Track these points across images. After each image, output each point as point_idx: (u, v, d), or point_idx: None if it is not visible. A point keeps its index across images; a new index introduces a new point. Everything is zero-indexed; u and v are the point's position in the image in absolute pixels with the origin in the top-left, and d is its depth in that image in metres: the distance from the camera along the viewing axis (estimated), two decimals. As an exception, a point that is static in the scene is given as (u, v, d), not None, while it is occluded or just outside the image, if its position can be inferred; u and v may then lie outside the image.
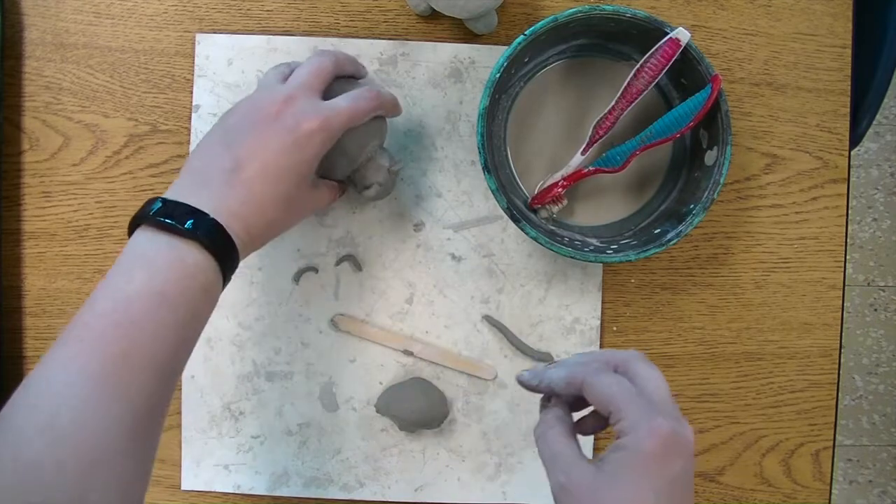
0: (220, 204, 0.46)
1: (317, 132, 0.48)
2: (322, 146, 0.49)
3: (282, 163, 0.48)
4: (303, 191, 0.50)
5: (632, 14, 0.53)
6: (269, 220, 0.48)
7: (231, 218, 0.46)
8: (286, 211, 0.49)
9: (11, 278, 0.62)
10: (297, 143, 0.48)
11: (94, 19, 0.62)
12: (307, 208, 0.52)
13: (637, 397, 0.41)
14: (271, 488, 0.62)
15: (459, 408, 0.62)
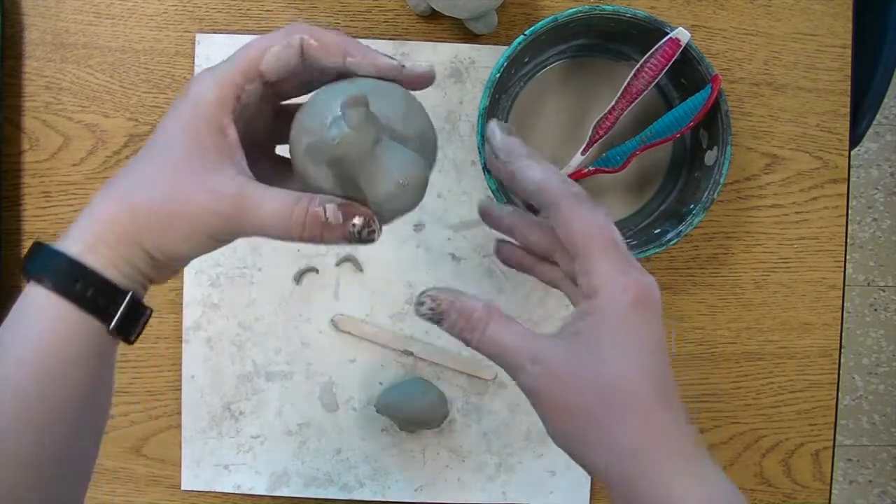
0: (87, 227, 0.35)
1: (204, 76, 0.36)
2: (217, 98, 0.35)
3: (163, 128, 0.36)
4: (209, 173, 0.35)
5: (632, 14, 0.53)
6: (156, 211, 0.34)
7: (101, 242, 0.34)
8: (182, 195, 0.34)
9: (11, 278, 0.62)
10: (181, 99, 0.36)
11: (94, 19, 0.62)
12: (224, 205, 0.34)
13: (614, 246, 0.35)
14: (271, 488, 0.62)
15: (459, 408, 0.62)
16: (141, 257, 0.35)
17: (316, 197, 0.35)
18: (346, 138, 0.33)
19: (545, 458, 0.62)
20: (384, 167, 0.34)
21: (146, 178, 0.35)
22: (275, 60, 0.36)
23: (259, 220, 0.34)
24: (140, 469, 0.62)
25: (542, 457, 0.62)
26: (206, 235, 0.35)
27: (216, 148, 0.35)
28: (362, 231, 0.34)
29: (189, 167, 0.35)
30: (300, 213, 0.34)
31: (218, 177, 0.35)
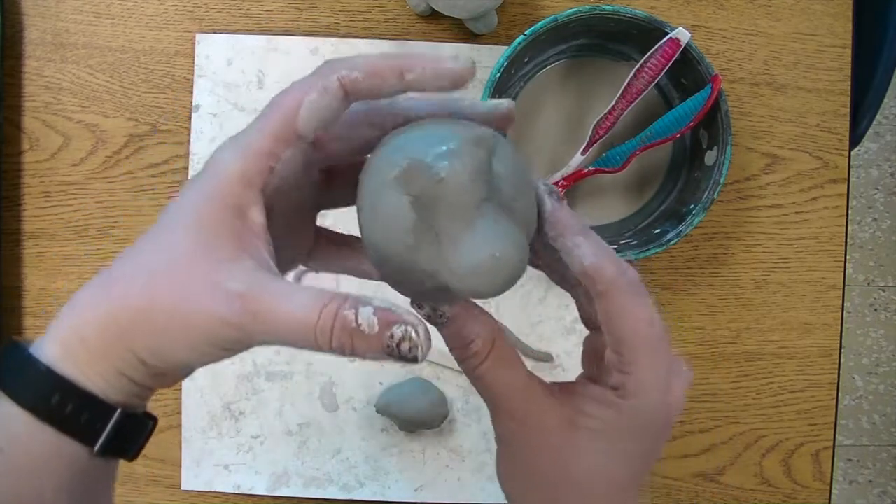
0: (68, 326, 0.28)
1: (227, 144, 0.29)
2: (241, 173, 0.28)
3: (175, 206, 0.29)
4: (218, 267, 0.28)
5: (632, 14, 0.53)
6: (146, 312, 0.28)
7: (82, 346, 0.28)
8: (178, 291, 0.28)
9: (11, 278, 0.62)
10: (201, 172, 0.29)
11: (94, 19, 0.62)
12: (232, 309, 0.27)
13: (662, 350, 0.32)
14: (271, 488, 0.62)
15: (459, 408, 0.62)
16: (133, 365, 0.28)
17: (347, 296, 0.27)
18: (455, 177, 0.26)
19: (545, 458, 0.62)
20: (480, 233, 0.26)
21: (144, 269, 0.28)
22: (313, 112, 0.28)
23: (276, 327, 0.27)
24: (140, 469, 0.62)
25: (542, 457, 0.62)
26: (212, 345, 0.28)
27: (232, 235, 0.28)
28: (401, 344, 0.26)
29: (195, 259, 0.28)
30: (328, 319, 0.26)
31: (228, 272, 0.27)
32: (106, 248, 0.62)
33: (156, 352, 0.28)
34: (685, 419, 0.64)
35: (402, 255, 0.28)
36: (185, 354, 0.28)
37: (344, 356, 0.27)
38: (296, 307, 0.27)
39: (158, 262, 0.28)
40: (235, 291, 0.27)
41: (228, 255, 0.28)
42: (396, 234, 0.27)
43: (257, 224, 0.29)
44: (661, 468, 0.64)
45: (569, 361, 0.62)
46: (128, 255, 0.29)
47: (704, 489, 0.64)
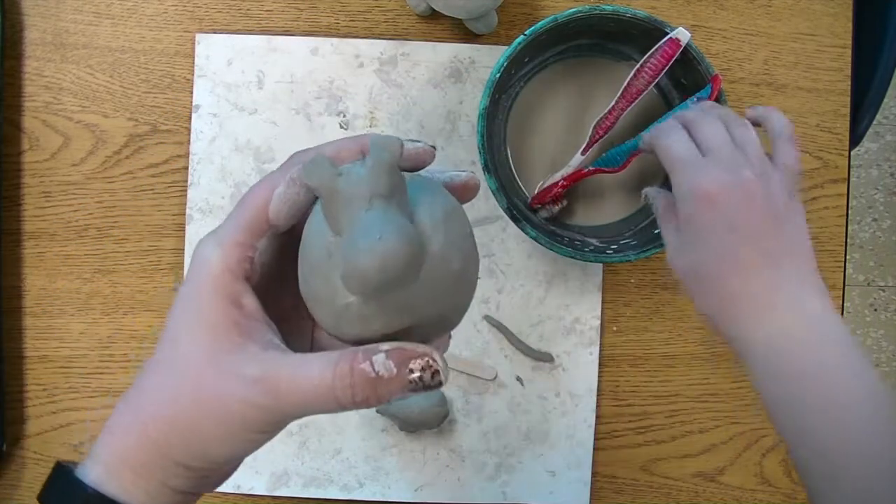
0: (108, 447, 0.30)
1: (206, 242, 0.31)
2: (223, 267, 0.30)
3: (173, 316, 0.31)
4: (230, 358, 0.29)
5: (632, 14, 0.53)
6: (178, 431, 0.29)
7: (124, 464, 0.30)
8: (195, 401, 0.29)
9: (11, 278, 0.62)
10: (188, 276, 0.31)
11: (94, 19, 0.62)
12: (255, 392, 0.28)
13: (690, 158, 0.45)
14: (271, 488, 0.62)
15: (459, 408, 0.62)
16: (177, 473, 0.30)
17: (356, 352, 0.28)
18: (353, 169, 0.27)
19: (545, 458, 0.62)
20: (369, 220, 0.27)
21: (165, 381, 0.30)
22: (282, 203, 0.30)
23: (299, 400, 0.28)
24: (140, 469, 0.62)
25: (541, 457, 0.62)
26: (247, 431, 0.29)
27: (233, 326, 0.29)
28: (423, 376, 0.28)
29: (207, 358, 0.29)
30: (344, 377, 0.27)
31: (238, 361, 0.29)
32: (106, 248, 0.62)
33: (197, 454, 0.29)
34: (685, 419, 0.64)
35: (320, 276, 0.28)
36: (225, 448, 0.29)
37: (371, 406, 0.28)
38: (311, 376, 0.28)
39: (176, 371, 0.30)
40: (252, 377, 0.28)
41: (234, 345, 0.29)
42: (314, 252, 0.28)
43: (252, 309, 0.30)
44: (661, 468, 0.64)
45: (569, 361, 0.62)
46: (146, 373, 0.31)
47: (704, 489, 0.64)
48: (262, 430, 0.29)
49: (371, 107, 0.62)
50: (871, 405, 0.40)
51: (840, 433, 0.39)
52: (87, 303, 0.62)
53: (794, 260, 0.43)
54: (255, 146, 0.62)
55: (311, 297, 0.29)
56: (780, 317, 0.42)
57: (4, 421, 0.60)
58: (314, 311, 0.29)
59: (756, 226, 0.43)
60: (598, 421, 0.63)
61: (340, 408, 0.28)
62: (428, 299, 0.28)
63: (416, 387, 0.28)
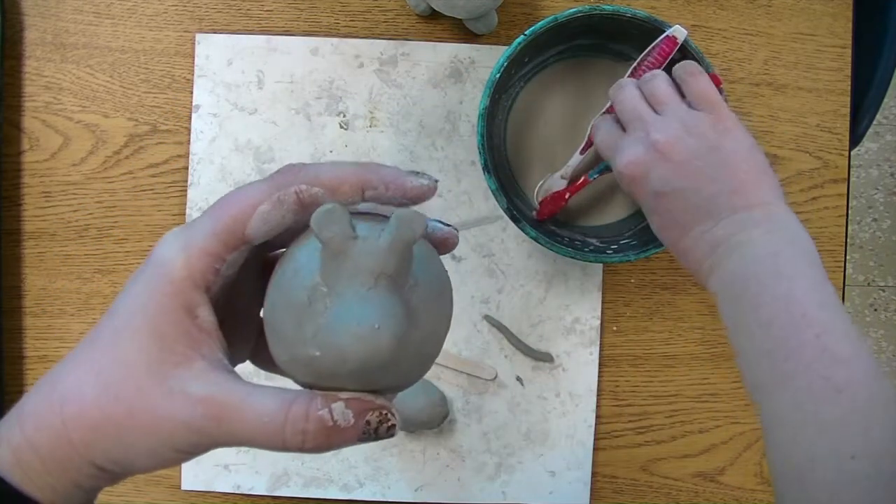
0: (18, 433, 0.28)
1: (172, 239, 0.29)
2: (187, 273, 0.28)
3: (121, 304, 0.28)
4: (173, 371, 0.27)
5: (632, 14, 0.53)
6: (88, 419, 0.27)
7: (34, 455, 0.27)
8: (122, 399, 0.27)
9: (11, 278, 0.62)
10: (144, 266, 0.29)
11: (94, 19, 0.62)
12: (194, 413, 0.27)
13: (609, 143, 0.49)
14: (271, 488, 0.62)
15: (459, 408, 0.62)
16: (90, 474, 0.28)
17: (316, 396, 0.27)
18: (372, 240, 0.26)
19: (545, 458, 0.62)
20: (373, 301, 0.26)
21: (95, 380, 0.27)
22: (264, 223, 0.28)
23: (241, 431, 0.26)
24: (140, 469, 0.62)
25: (542, 457, 0.62)
26: (173, 450, 0.27)
27: (183, 337, 0.27)
28: (379, 428, 0.27)
29: (148, 365, 0.27)
30: (297, 421, 0.26)
31: (184, 376, 0.27)
32: (106, 248, 0.62)
33: (116, 460, 0.27)
34: (685, 419, 0.64)
35: (292, 315, 0.26)
36: (145, 460, 0.28)
37: (314, 453, 0.27)
38: (261, 412, 0.26)
39: (110, 372, 0.27)
40: (196, 396, 0.26)
41: (182, 358, 0.27)
42: (293, 291, 0.26)
43: (208, 323, 0.28)
44: (661, 468, 0.64)
45: (569, 361, 0.62)
46: (75, 360, 0.28)
47: (704, 489, 0.64)
48: (190, 451, 0.27)
49: (371, 107, 0.62)
50: (830, 312, 0.40)
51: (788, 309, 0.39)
52: (87, 303, 0.62)
53: (736, 182, 0.44)
54: (255, 146, 0.62)
55: (275, 331, 0.27)
56: (727, 260, 0.43)
57: (4, 421, 0.60)
58: (273, 344, 0.28)
59: (679, 180, 0.45)
60: (598, 421, 0.63)
61: (283, 449, 0.27)
62: (394, 375, 0.27)
63: (368, 437, 0.27)
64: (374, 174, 0.28)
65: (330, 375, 0.26)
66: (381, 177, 0.28)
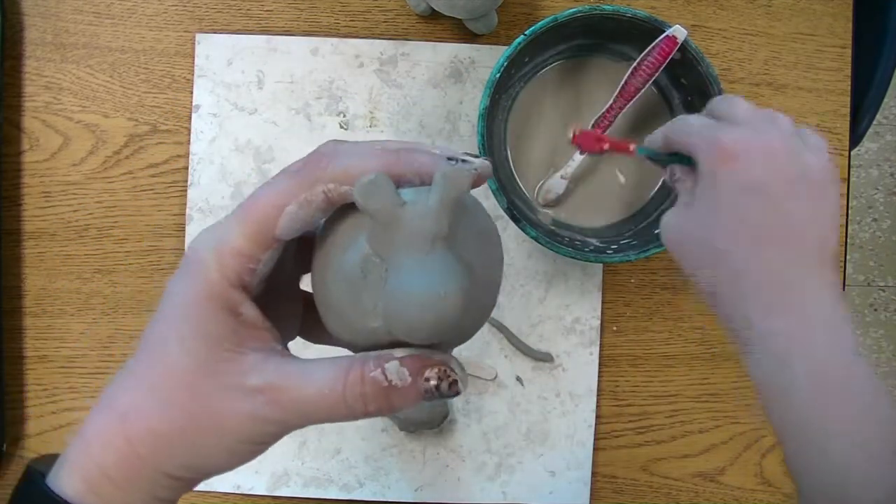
0: (85, 458, 0.28)
1: (203, 243, 0.28)
2: (221, 275, 0.27)
3: (161, 317, 0.29)
4: (228, 368, 0.27)
5: (632, 14, 0.53)
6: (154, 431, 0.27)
7: (105, 478, 0.27)
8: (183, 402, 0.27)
9: (11, 278, 0.62)
10: (179, 276, 0.29)
11: (94, 19, 0.62)
12: (257, 404, 0.27)
13: (708, 125, 0.42)
14: (271, 488, 0.62)
15: (459, 408, 0.62)
16: (166, 485, 0.28)
17: (368, 358, 0.26)
18: (420, 203, 0.25)
19: (545, 458, 0.62)
20: (432, 267, 0.25)
21: (152, 394, 0.27)
22: (293, 222, 0.27)
23: (306, 409, 0.27)
24: (140, 469, 0.62)
25: (542, 457, 0.62)
26: (246, 444, 0.28)
27: (231, 335, 0.27)
28: (440, 385, 0.26)
29: (199, 367, 0.27)
30: (356, 384, 0.26)
31: (238, 371, 0.27)
32: (106, 248, 0.62)
33: (189, 467, 0.28)
34: (685, 419, 0.64)
35: (347, 291, 0.26)
36: (222, 460, 0.28)
37: (384, 415, 0.27)
38: (320, 385, 0.26)
39: (163, 382, 0.27)
40: (254, 387, 0.27)
41: (233, 355, 0.27)
42: (345, 266, 0.26)
43: (253, 317, 0.28)
44: (661, 468, 0.64)
45: (569, 361, 0.62)
46: (127, 375, 0.28)
47: (704, 489, 0.64)
48: (263, 441, 0.28)
49: (371, 107, 0.62)
50: (874, 424, 0.37)
51: (832, 425, 0.37)
52: (87, 303, 0.62)
53: (817, 236, 0.39)
54: (255, 146, 0.62)
55: (332, 308, 0.27)
56: (787, 310, 0.38)
57: (4, 421, 0.60)
58: (330, 321, 0.28)
59: (778, 189, 0.39)
60: (598, 421, 0.63)
61: (352, 417, 0.27)
62: (456, 331, 0.27)
63: (432, 396, 0.26)
64: (408, 166, 0.27)
65: (395, 345, 0.26)
66: (414, 168, 0.27)
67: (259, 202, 0.27)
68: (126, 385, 0.28)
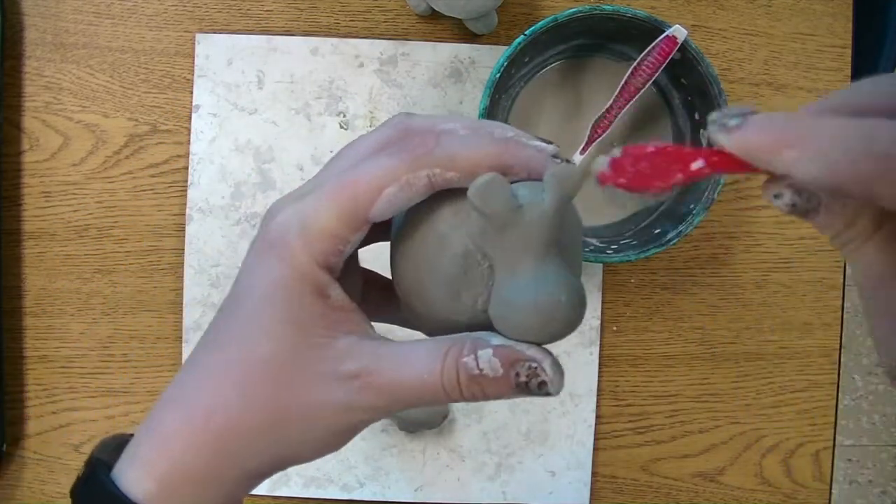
0: (161, 458, 0.26)
1: (288, 219, 0.26)
2: (309, 257, 0.26)
3: (237, 302, 0.27)
4: (318, 354, 0.26)
5: (632, 14, 0.53)
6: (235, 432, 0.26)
7: (185, 480, 0.26)
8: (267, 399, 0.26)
9: (11, 278, 0.62)
10: (258, 254, 0.27)
11: (94, 19, 0.62)
12: (350, 392, 0.26)
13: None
14: (271, 488, 0.62)
15: (459, 408, 0.62)
16: (249, 485, 0.27)
17: (465, 341, 0.25)
18: (539, 206, 0.25)
19: (545, 458, 0.62)
20: (551, 273, 0.25)
21: (232, 380, 0.26)
22: (389, 205, 0.25)
23: (403, 394, 0.25)
24: (140, 469, 0.62)
25: (541, 457, 0.62)
26: (339, 434, 0.26)
27: (321, 320, 0.26)
28: (530, 383, 0.25)
29: (288, 355, 0.25)
30: (451, 370, 0.25)
31: (331, 356, 0.25)
32: (106, 248, 0.62)
33: (277, 462, 0.26)
34: (685, 419, 0.64)
35: (444, 284, 0.26)
36: (311, 452, 0.27)
37: (478, 401, 0.26)
38: (419, 369, 0.25)
39: (250, 373, 0.26)
40: (348, 373, 0.25)
41: (325, 340, 0.26)
42: (443, 259, 0.25)
43: (342, 300, 0.26)
44: (661, 468, 0.64)
45: (569, 361, 0.62)
46: (201, 368, 0.27)
47: (704, 489, 0.64)
48: (354, 429, 0.27)
49: (371, 107, 0.62)
50: None
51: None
52: (87, 303, 0.62)
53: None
54: (255, 146, 0.62)
55: (421, 298, 0.27)
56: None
57: (4, 421, 0.60)
58: (414, 308, 0.27)
59: None
60: (598, 421, 0.63)
61: (449, 400, 0.25)
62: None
63: (523, 391, 0.25)
64: (516, 159, 0.26)
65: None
66: (523, 162, 0.26)
67: (358, 180, 0.25)
68: (203, 379, 0.26)
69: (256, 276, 0.26)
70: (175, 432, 0.26)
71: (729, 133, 0.23)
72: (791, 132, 0.20)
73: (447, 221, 0.26)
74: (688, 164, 0.24)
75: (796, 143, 0.20)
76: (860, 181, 0.19)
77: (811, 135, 0.20)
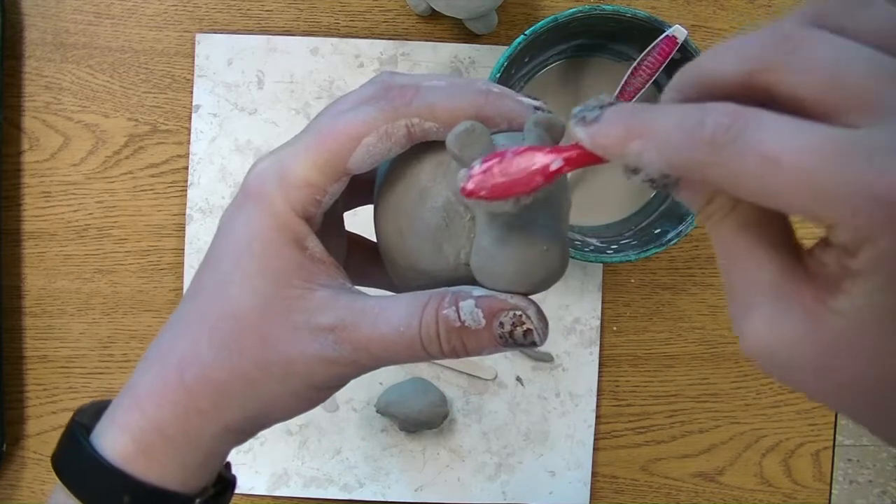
0: (136, 417, 0.26)
1: (267, 169, 0.26)
2: (287, 207, 0.25)
3: (216, 254, 0.26)
4: (295, 306, 0.25)
5: (632, 14, 0.53)
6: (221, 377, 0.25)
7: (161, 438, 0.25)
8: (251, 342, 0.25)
9: (11, 278, 0.62)
10: (238, 208, 0.26)
11: (94, 19, 0.62)
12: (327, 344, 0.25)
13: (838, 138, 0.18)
14: (271, 488, 0.62)
15: (459, 408, 0.62)
16: (225, 440, 0.26)
17: (445, 293, 0.24)
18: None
19: (545, 458, 0.62)
20: (534, 223, 0.24)
21: (208, 332, 0.25)
22: (368, 156, 0.25)
23: (379, 349, 0.25)
24: (140, 469, 0.62)
25: (542, 457, 0.62)
26: (315, 388, 0.26)
27: (298, 270, 0.25)
28: (514, 332, 0.24)
29: (265, 307, 0.25)
30: (431, 322, 0.24)
31: (307, 308, 0.25)
32: (106, 248, 0.62)
33: (251, 417, 0.26)
34: (685, 419, 0.64)
35: (426, 237, 0.25)
36: (287, 408, 0.26)
37: (459, 357, 0.25)
38: (395, 323, 0.24)
39: (225, 326, 0.25)
40: (324, 325, 0.25)
41: (301, 292, 0.25)
42: (424, 212, 0.25)
43: (319, 252, 0.26)
44: (661, 468, 0.64)
45: (569, 361, 0.62)
46: (180, 323, 0.26)
47: (704, 489, 0.64)
48: (332, 385, 0.26)
49: (371, 107, 0.62)
50: None
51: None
52: (87, 303, 0.62)
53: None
54: (255, 146, 0.62)
55: (402, 253, 0.26)
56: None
57: (4, 421, 0.60)
58: (396, 263, 0.26)
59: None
60: (598, 421, 0.63)
61: (428, 357, 0.25)
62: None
63: (507, 342, 0.24)
64: (496, 109, 0.25)
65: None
66: (504, 112, 0.25)
67: (334, 131, 0.25)
68: (181, 333, 0.26)
69: (235, 227, 0.26)
70: (149, 390, 0.26)
71: (586, 127, 0.23)
72: (636, 124, 0.20)
73: (428, 174, 0.25)
74: (546, 165, 0.23)
75: (640, 134, 0.20)
76: (694, 168, 0.18)
77: (651, 126, 0.20)
